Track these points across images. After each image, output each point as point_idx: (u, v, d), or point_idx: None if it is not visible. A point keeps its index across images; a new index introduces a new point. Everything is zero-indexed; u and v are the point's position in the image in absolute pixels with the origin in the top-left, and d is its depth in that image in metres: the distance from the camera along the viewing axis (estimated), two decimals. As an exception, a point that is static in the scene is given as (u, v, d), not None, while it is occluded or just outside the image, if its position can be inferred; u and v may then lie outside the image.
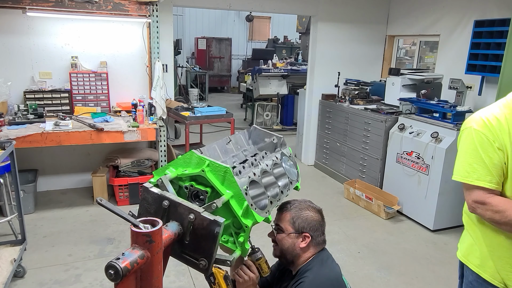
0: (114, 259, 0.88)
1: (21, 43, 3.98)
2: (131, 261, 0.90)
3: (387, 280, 3.08)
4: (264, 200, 1.34)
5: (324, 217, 1.69)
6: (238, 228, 1.27)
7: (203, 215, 1.11)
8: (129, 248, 0.94)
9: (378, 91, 5.21)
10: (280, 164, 1.57)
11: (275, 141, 1.69)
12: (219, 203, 1.16)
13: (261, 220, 1.28)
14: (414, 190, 3.99)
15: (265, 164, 1.46)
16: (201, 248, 1.14)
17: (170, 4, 4.44)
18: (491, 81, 3.98)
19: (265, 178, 1.41)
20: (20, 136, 3.40)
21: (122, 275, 0.87)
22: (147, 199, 1.19)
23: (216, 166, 1.24)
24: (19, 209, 2.96)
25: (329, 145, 5.39)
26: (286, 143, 1.71)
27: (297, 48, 11.56)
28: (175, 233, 1.12)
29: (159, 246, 0.97)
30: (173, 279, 2.91)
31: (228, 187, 1.23)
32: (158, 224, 0.97)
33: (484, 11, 4.09)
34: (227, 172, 1.22)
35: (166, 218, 1.16)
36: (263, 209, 1.31)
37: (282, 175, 1.55)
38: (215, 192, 1.24)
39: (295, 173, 1.55)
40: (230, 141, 1.66)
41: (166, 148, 4.07)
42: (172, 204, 1.15)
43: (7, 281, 2.57)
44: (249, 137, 1.78)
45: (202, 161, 1.26)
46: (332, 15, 5.31)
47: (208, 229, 1.11)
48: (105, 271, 0.88)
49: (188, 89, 10.62)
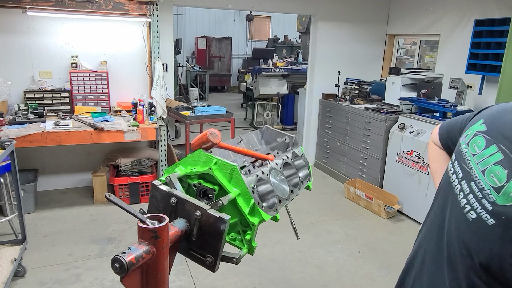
0: (120, 253, 0.91)
1: (21, 43, 3.98)
2: (136, 256, 0.92)
3: (387, 279, 3.08)
4: (273, 199, 1.35)
5: None
6: (245, 226, 1.28)
7: (209, 212, 1.12)
8: (135, 243, 0.96)
9: (379, 91, 5.21)
10: (291, 164, 1.57)
11: (287, 141, 1.70)
12: (225, 200, 1.18)
13: (268, 218, 1.28)
14: (415, 189, 3.99)
15: (275, 163, 1.46)
16: (207, 245, 1.15)
17: (170, 3, 4.44)
18: (491, 80, 3.98)
19: (274, 177, 1.42)
20: (21, 135, 3.40)
21: (127, 269, 0.90)
22: (156, 196, 1.22)
23: (223, 164, 1.25)
24: (19, 209, 2.96)
25: (329, 145, 5.39)
26: (298, 143, 1.72)
27: (297, 47, 11.56)
28: (182, 230, 1.14)
29: (165, 242, 0.99)
30: (173, 278, 2.91)
31: (235, 185, 1.24)
32: (165, 220, 1.00)
33: (484, 11, 4.09)
34: (234, 170, 1.23)
35: (174, 215, 1.18)
36: (271, 207, 1.31)
37: (293, 174, 1.55)
38: (223, 190, 1.25)
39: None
40: (241, 140, 1.67)
41: (166, 148, 4.08)
42: (180, 201, 1.17)
43: (7, 281, 2.58)
44: (262, 137, 1.79)
45: (210, 160, 1.28)
46: (332, 15, 5.31)
47: (214, 226, 1.12)
48: (111, 264, 0.91)
49: (188, 89, 10.63)
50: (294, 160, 1.60)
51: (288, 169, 1.54)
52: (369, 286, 3.00)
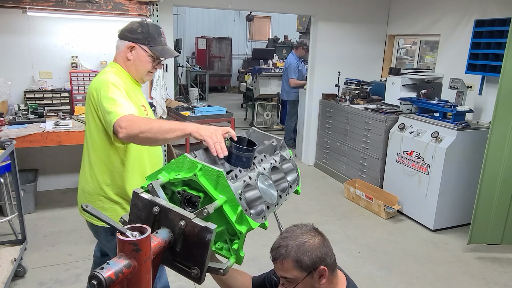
0: (98, 269, 0.85)
1: (21, 43, 3.98)
2: (115, 271, 0.85)
3: (387, 279, 3.08)
4: (261, 205, 1.28)
5: (317, 229, 1.45)
6: (232, 234, 1.22)
7: (194, 221, 1.06)
8: (115, 257, 0.90)
9: (379, 91, 5.21)
10: (279, 167, 1.50)
11: (274, 144, 1.62)
12: (210, 209, 1.11)
13: (257, 226, 1.22)
14: (414, 189, 3.99)
15: (262, 168, 1.39)
16: (192, 256, 1.10)
17: (170, 3, 4.44)
18: (491, 80, 3.98)
19: (261, 182, 1.35)
20: (21, 135, 3.40)
21: (106, 286, 0.83)
22: (137, 205, 1.15)
23: (209, 170, 1.19)
24: (19, 209, 2.96)
25: (329, 145, 5.39)
26: (286, 146, 1.68)
27: (297, 47, 11.54)
28: (165, 241, 1.07)
29: (147, 255, 0.92)
30: (173, 278, 2.90)
31: (221, 191, 1.17)
32: (146, 231, 0.93)
33: (484, 11, 4.09)
34: (220, 176, 1.17)
35: (157, 225, 1.12)
36: (259, 214, 1.25)
37: (281, 179, 1.49)
38: (208, 197, 1.19)
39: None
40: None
41: (166, 148, 4.07)
42: (163, 210, 1.10)
43: (7, 281, 2.58)
44: None
45: (195, 165, 1.20)
46: (332, 15, 5.31)
47: (199, 236, 1.06)
48: (88, 281, 0.84)
49: (188, 89, 10.61)
50: (282, 163, 1.53)
51: (276, 173, 1.47)
52: (369, 286, 3.00)
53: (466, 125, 3.71)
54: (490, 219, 3.40)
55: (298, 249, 1.31)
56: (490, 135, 3.23)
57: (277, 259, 1.34)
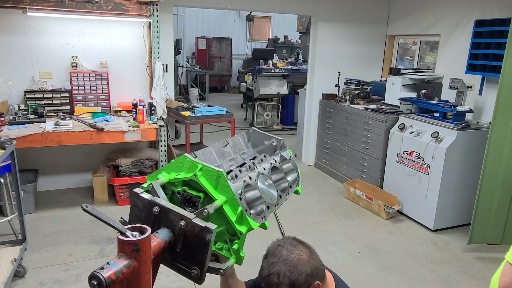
0: (98, 269, 0.84)
1: (21, 43, 3.98)
2: (115, 271, 0.85)
3: (387, 279, 3.08)
4: (261, 205, 1.28)
5: (299, 239, 1.38)
6: (232, 235, 1.22)
7: (194, 221, 1.06)
8: (115, 257, 0.90)
9: (379, 91, 5.21)
10: (279, 168, 1.50)
11: (274, 144, 1.63)
12: (210, 209, 1.11)
13: (257, 226, 1.22)
14: (415, 190, 3.99)
15: (262, 168, 1.39)
16: (193, 256, 1.10)
17: (170, 3, 4.44)
18: (491, 81, 3.98)
19: (261, 182, 1.35)
20: (21, 136, 3.40)
21: (106, 286, 0.83)
22: (137, 205, 1.15)
23: (209, 170, 1.19)
24: (19, 209, 2.96)
25: (330, 145, 5.39)
26: (286, 146, 1.67)
27: (298, 48, 11.55)
28: (165, 241, 1.07)
29: (147, 255, 0.93)
30: (173, 278, 2.91)
31: (221, 192, 1.18)
32: (147, 231, 0.93)
33: (484, 11, 4.09)
34: (220, 177, 1.17)
35: (157, 225, 1.12)
36: (259, 214, 1.25)
37: (281, 179, 1.49)
38: (208, 198, 1.19)
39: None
40: (227, 144, 1.59)
41: (166, 148, 4.07)
42: (163, 210, 1.11)
43: (7, 281, 2.58)
44: (249, 140, 1.72)
45: (195, 165, 1.21)
46: (332, 15, 5.31)
47: (199, 236, 1.06)
48: (88, 281, 0.84)
49: (188, 89, 10.62)
50: (282, 163, 1.54)
51: (276, 174, 1.47)
52: (369, 286, 3.00)
53: (466, 125, 3.71)
54: (490, 219, 3.40)
55: (290, 274, 1.25)
56: (490, 135, 3.23)
57: (271, 284, 1.29)
